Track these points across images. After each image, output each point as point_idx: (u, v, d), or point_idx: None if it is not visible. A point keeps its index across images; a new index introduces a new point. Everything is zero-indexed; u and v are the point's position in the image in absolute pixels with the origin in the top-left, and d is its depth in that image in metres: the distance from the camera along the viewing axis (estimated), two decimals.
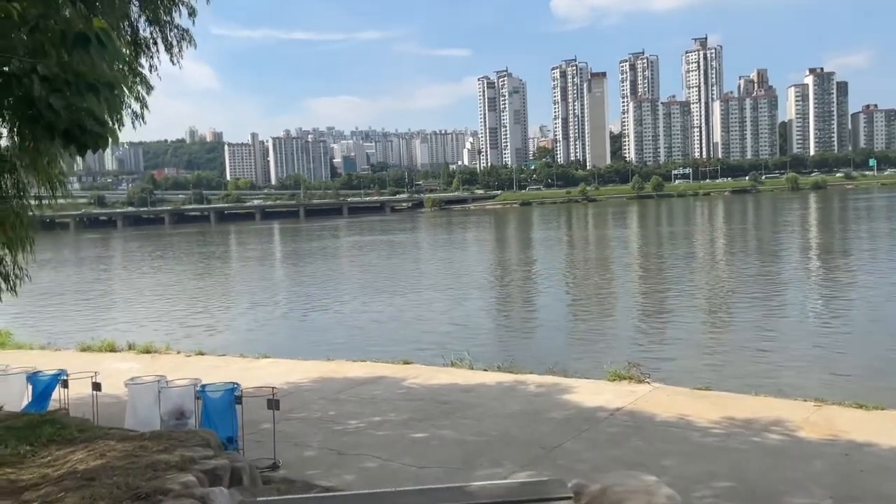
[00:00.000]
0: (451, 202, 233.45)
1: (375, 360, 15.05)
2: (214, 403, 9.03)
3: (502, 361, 15.55)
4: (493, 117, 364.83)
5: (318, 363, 14.93)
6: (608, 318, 30.52)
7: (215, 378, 13.78)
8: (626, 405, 10.77)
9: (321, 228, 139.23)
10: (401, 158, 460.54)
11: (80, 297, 45.02)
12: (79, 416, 10.56)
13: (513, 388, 12.24)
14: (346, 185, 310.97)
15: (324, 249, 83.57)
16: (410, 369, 14.00)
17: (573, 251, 67.89)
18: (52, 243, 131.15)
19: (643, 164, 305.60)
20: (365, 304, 34.89)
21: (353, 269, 56.95)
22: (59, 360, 16.24)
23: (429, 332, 27.06)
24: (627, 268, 49.30)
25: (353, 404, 11.63)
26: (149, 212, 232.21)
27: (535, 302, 36.50)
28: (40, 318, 33.66)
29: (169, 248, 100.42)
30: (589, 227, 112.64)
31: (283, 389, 12.71)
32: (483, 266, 54.90)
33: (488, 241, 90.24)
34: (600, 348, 24.25)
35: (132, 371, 14.63)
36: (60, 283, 54.91)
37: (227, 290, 45.54)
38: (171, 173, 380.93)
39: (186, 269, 65.15)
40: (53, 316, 35.08)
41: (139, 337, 26.13)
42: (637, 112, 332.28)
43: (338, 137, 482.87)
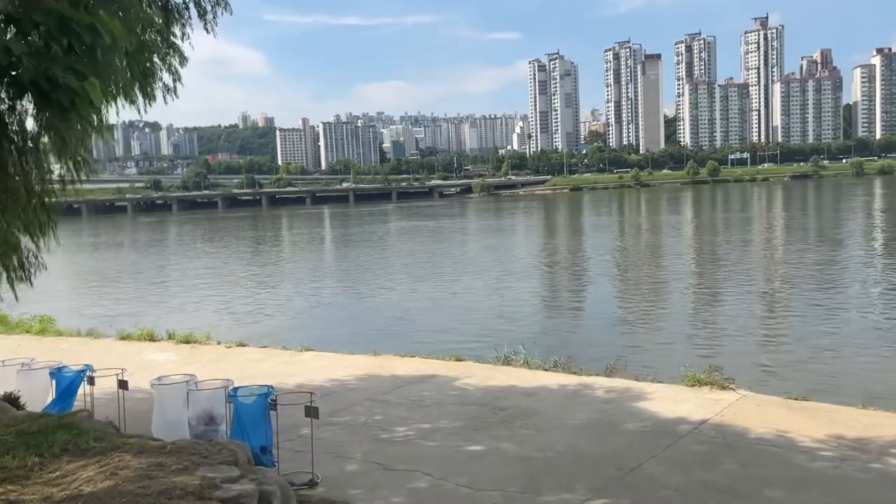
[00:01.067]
0: (500, 187, 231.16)
1: (425, 355, 13.95)
2: (247, 409, 8.03)
3: (559, 357, 14.28)
4: (543, 101, 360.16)
5: (363, 358, 13.91)
6: (665, 309, 28.91)
7: (255, 373, 12.91)
8: (712, 417, 9.42)
9: (370, 213, 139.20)
10: (450, 143, 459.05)
11: (129, 280, 45.25)
12: (103, 417, 9.71)
13: (578, 392, 10.99)
14: (395, 170, 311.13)
15: (372, 234, 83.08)
16: (463, 367, 12.85)
17: (625, 238, 65.85)
18: (110, 226, 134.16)
19: (698, 148, 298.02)
20: (412, 292, 33.96)
21: (400, 255, 56.13)
22: (96, 348, 15.61)
23: (478, 323, 25.96)
24: (682, 256, 47.30)
25: (401, 408, 10.55)
26: (202, 196, 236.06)
27: (586, 292, 35.04)
28: (89, 301, 33.66)
29: (220, 233, 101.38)
30: (642, 212, 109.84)
31: (326, 388, 11.73)
32: (532, 253, 53.47)
33: (537, 227, 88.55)
34: (662, 344, 22.80)
35: (169, 363, 13.85)
36: (112, 267, 55.54)
37: (274, 276, 45.16)
38: (224, 158, 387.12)
39: (235, 253, 65.33)
40: (102, 299, 35.07)
41: (183, 323, 25.64)
42: (693, 95, 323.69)
43: (387, 122, 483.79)
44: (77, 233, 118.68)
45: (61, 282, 47.23)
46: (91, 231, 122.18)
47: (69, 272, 53.87)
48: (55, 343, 16.36)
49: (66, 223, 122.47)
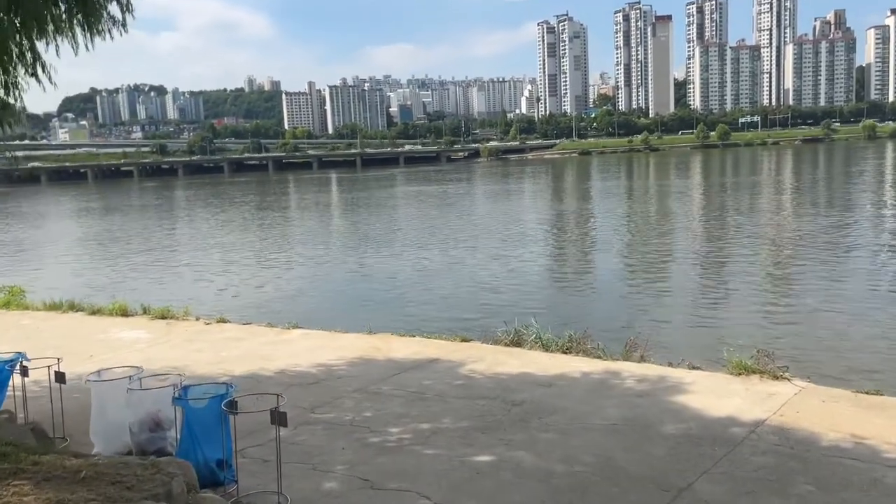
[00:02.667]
0: (508, 151, 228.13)
1: (427, 334, 12.33)
2: (198, 415, 6.42)
3: (573, 331, 12.64)
4: (552, 64, 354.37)
5: (357, 337, 12.30)
6: (680, 278, 27.27)
7: (231, 355, 11.34)
8: (770, 417, 7.78)
9: (376, 178, 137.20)
10: (457, 107, 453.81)
11: (118, 247, 43.76)
12: (36, 417, 8.17)
13: (604, 382, 9.36)
14: (403, 134, 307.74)
15: (376, 199, 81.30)
16: (469, 349, 11.23)
17: (634, 203, 63.93)
18: (113, 191, 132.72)
19: (709, 111, 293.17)
20: (414, 261, 32.37)
21: (403, 221, 54.44)
22: (60, 325, 14.07)
23: (484, 293, 24.38)
24: (694, 221, 45.49)
25: (397, 401, 8.95)
26: (208, 160, 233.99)
27: (596, 260, 33.36)
28: (70, 270, 32.19)
29: (222, 197, 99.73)
30: (650, 177, 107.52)
31: (310, 376, 10.14)
32: (539, 220, 51.68)
33: (544, 192, 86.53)
34: (681, 317, 21.21)
35: (137, 343, 12.31)
36: (102, 233, 54.07)
37: (271, 243, 43.57)
38: (230, 122, 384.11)
39: (234, 219, 63.75)
40: (85, 268, 33.56)
41: (167, 294, 24.17)
42: (703, 57, 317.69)
43: (394, 86, 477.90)
44: (77, 198, 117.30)
45: (49, 248, 45.86)
46: (92, 196, 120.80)
47: (59, 238, 52.52)
48: (17, 318, 14.83)
49: (72, 187, 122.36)
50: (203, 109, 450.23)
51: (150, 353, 11.72)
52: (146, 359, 11.27)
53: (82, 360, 11.33)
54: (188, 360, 11.18)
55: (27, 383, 8.50)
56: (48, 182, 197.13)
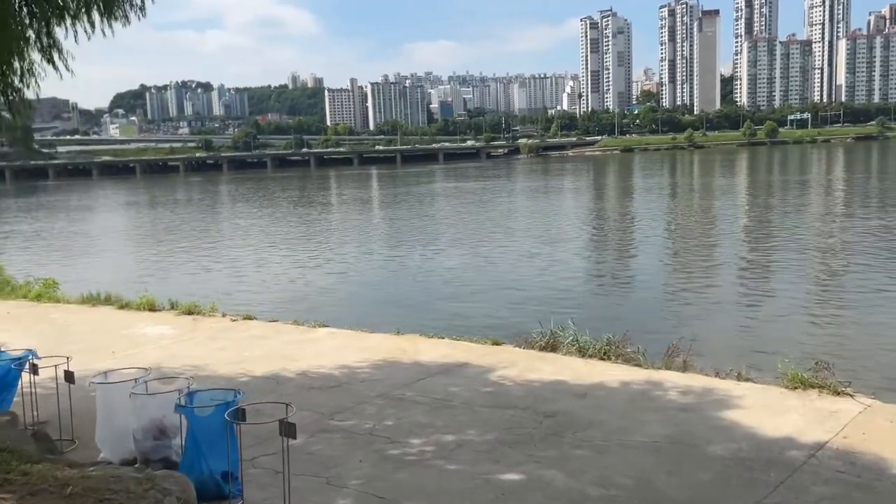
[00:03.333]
0: (549, 148, 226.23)
1: (456, 336, 11.75)
2: (202, 424, 5.96)
3: (612, 334, 11.93)
4: (595, 60, 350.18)
5: (384, 338, 11.80)
6: (724, 281, 26.08)
7: (254, 355, 10.91)
8: (832, 439, 7.03)
9: (416, 174, 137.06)
10: (498, 104, 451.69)
11: (156, 240, 44.13)
12: (44, 418, 7.83)
13: (645, 393, 8.67)
14: (443, 130, 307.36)
15: (414, 196, 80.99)
16: (501, 353, 10.63)
17: (677, 201, 62.36)
18: (159, 185, 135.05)
19: (756, 108, 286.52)
20: (449, 259, 31.83)
21: (441, 217, 53.97)
22: (87, 319, 13.87)
23: (518, 293, 23.67)
24: (738, 222, 43.97)
25: (421, 409, 8.40)
26: (252, 156, 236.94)
27: (635, 260, 32.36)
28: (108, 262, 32.45)
29: (263, 192, 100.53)
30: (694, 175, 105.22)
31: (333, 378, 9.66)
32: (578, 218, 50.67)
33: (585, 189, 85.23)
34: (724, 322, 20.28)
35: (161, 340, 11.99)
36: (143, 226, 54.71)
37: (308, 238, 43.46)
38: (273, 118, 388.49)
39: (273, 214, 64.02)
40: (122, 261, 33.80)
41: (199, 288, 24.07)
42: (752, 52, 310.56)
43: (435, 83, 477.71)
44: (124, 191, 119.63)
45: (90, 241, 46.51)
46: (139, 190, 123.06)
47: (102, 231, 53.32)
48: (47, 311, 14.70)
49: (121, 181, 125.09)
50: (248, 106, 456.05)
51: (172, 350, 11.39)
52: (168, 356, 10.97)
53: (104, 356, 11.06)
54: (210, 358, 10.81)
55: (40, 382, 8.16)
56: (99, 176, 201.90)
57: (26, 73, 8.82)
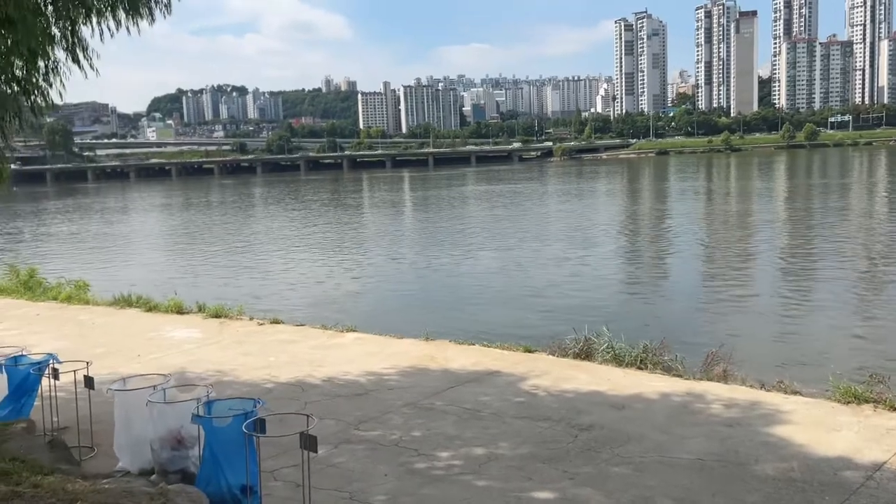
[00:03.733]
0: (582, 151, 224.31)
1: (487, 342, 11.38)
2: (219, 436, 5.69)
3: (649, 341, 11.46)
4: (629, 62, 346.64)
5: (413, 343, 11.48)
6: (763, 288, 25.19)
7: (280, 360, 10.65)
8: (890, 459, 6.52)
9: (448, 177, 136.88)
10: (531, 106, 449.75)
11: (188, 242, 44.44)
12: (68, 424, 7.64)
13: (686, 406, 8.22)
14: (475, 133, 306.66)
15: (445, 198, 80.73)
16: (533, 361, 10.24)
17: (713, 205, 61.15)
18: (193, 187, 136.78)
19: (795, 110, 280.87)
20: (480, 262, 31.45)
21: (471, 220, 53.59)
22: (115, 322, 13.79)
23: (551, 297, 23.21)
24: (776, 226, 42.81)
25: (449, 419, 8.06)
26: (286, 159, 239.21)
27: (670, 265, 31.65)
28: (140, 264, 32.73)
29: (295, 194, 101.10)
30: (731, 178, 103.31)
31: (359, 386, 9.36)
32: (612, 221, 49.91)
33: (618, 192, 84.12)
34: (771, 329, 19.58)
35: (187, 343, 11.83)
36: (176, 228, 55.20)
37: (339, 241, 43.38)
38: (307, 122, 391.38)
39: (306, 216, 64.21)
40: (154, 262, 34.05)
41: (229, 290, 24.04)
42: (790, 54, 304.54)
43: (468, 86, 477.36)
44: (159, 193, 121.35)
45: (123, 242, 47.06)
46: (173, 192, 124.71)
47: (135, 232, 53.96)
48: (76, 313, 14.66)
49: (157, 183, 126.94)
50: (282, 109, 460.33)
51: (197, 354, 11.22)
52: (193, 360, 10.79)
53: (129, 359, 10.92)
54: (235, 363, 10.61)
55: (61, 387, 7.96)
56: (136, 178, 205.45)
57: (51, 72, 8.69)
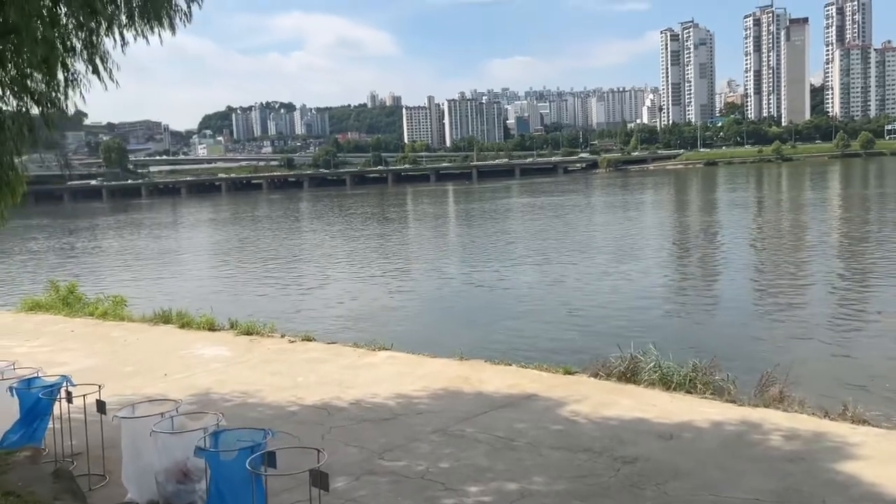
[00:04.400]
0: (629, 162, 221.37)
1: (524, 363, 10.77)
2: (225, 470, 5.24)
3: (698, 359, 10.70)
4: (676, 72, 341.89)
5: (446, 363, 10.95)
6: (823, 303, 23.88)
7: (309, 381, 10.22)
8: None
9: (492, 189, 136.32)
10: (575, 118, 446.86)
11: (231, 257, 44.73)
12: (79, 450, 7.30)
13: (742, 436, 7.51)
14: (519, 146, 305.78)
15: (487, 212, 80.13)
16: (573, 384, 9.61)
17: (764, 216, 59.20)
18: (241, 202, 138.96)
19: (849, 119, 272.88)
20: (521, 276, 30.73)
21: (513, 234, 52.88)
22: (148, 338, 13.59)
23: (594, 313, 22.35)
24: (834, 238, 41.00)
25: (481, 449, 7.49)
26: (332, 174, 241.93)
27: (721, 279, 30.34)
28: (181, 278, 32.99)
29: (341, 208, 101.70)
30: (783, 188, 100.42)
31: (387, 409, 8.86)
32: (658, 234, 48.61)
33: (665, 204, 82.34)
34: (828, 348, 18.45)
35: (214, 362, 11.52)
36: (221, 243, 55.75)
37: (380, 255, 43.09)
38: (353, 137, 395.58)
39: (349, 230, 64.31)
40: (195, 277, 34.25)
41: (267, 306, 23.88)
42: (844, 61, 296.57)
43: (512, 98, 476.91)
44: (208, 208, 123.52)
45: (168, 257, 47.65)
46: (221, 207, 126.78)
47: (179, 247, 54.66)
48: (110, 329, 14.53)
49: (207, 199, 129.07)
50: (328, 125, 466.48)
51: (224, 374, 10.87)
52: (219, 381, 10.45)
53: (156, 379, 10.64)
54: (261, 384, 10.22)
55: (77, 410, 7.63)
56: (187, 194, 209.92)
57: (70, 84, 8.47)
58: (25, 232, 75.04)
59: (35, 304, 17.34)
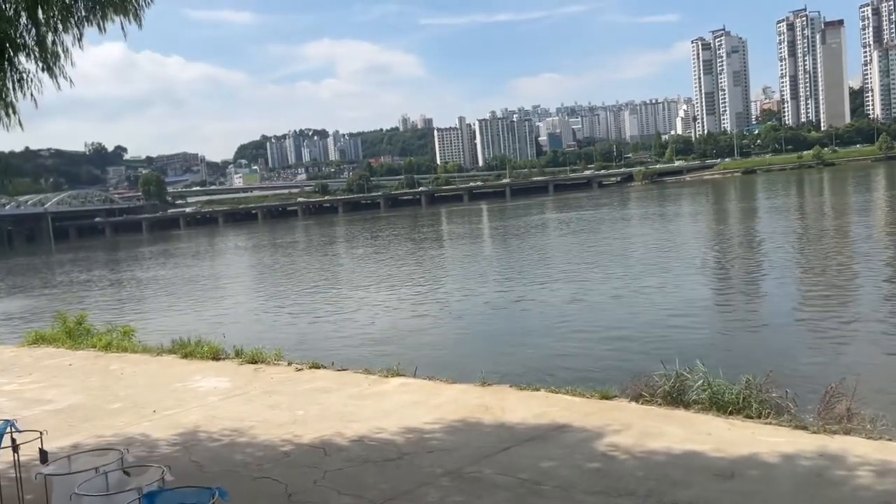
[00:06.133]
0: (664, 174, 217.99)
1: (554, 388, 9.44)
2: None
3: (751, 374, 9.25)
4: (709, 81, 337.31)
5: (465, 390, 9.67)
6: (878, 313, 21.83)
7: (310, 414, 9.01)
8: None
9: (525, 206, 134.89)
10: (608, 132, 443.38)
11: (258, 282, 44.08)
12: None
13: (821, 473, 6.09)
14: (552, 162, 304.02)
15: (521, 229, 78.71)
16: (611, 410, 8.26)
17: (807, 222, 56.64)
18: (277, 229, 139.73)
19: (891, 120, 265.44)
20: (552, 293, 29.28)
21: (547, 249, 51.43)
22: (145, 370, 12.57)
23: (629, 331, 20.75)
24: (881, 243, 38.51)
25: (501, 496, 6.19)
26: (366, 197, 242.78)
27: (765, 289, 28.37)
28: (201, 307, 32.33)
29: (373, 231, 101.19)
30: (825, 194, 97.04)
31: (395, 447, 7.62)
32: (696, 245, 46.52)
33: (702, 214, 79.91)
34: (889, 361, 16.72)
35: (213, 394, 10.45)
36: (248, 270, 55.26)
37: (411, 275, 41.98)
38: (385, 160, 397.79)
39: (379, 253, 63.45)
40: (220, 305, 33.55)
41: (282, 332, 22.87)
42: (883, 62, 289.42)
43: (543, 115, 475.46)
44: (242, 236, 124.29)
45: (194, 286, 47.20)
46: (255, 234, 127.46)
47: (207, 275, 54.33)
48: (109, 362, 13.55)
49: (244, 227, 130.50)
50: (361, 149, 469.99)
51: (218, 408, 9.75)
52: (210, 417, 9.33)
53: (141, 417, 9.58)
54: (257, 418, 9.07)
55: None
56: (224, 223, 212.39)
57: (24, 83, 7.54)
58: (59, 266, 75.81)
59: (39, 336, 16.52)
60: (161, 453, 7.91)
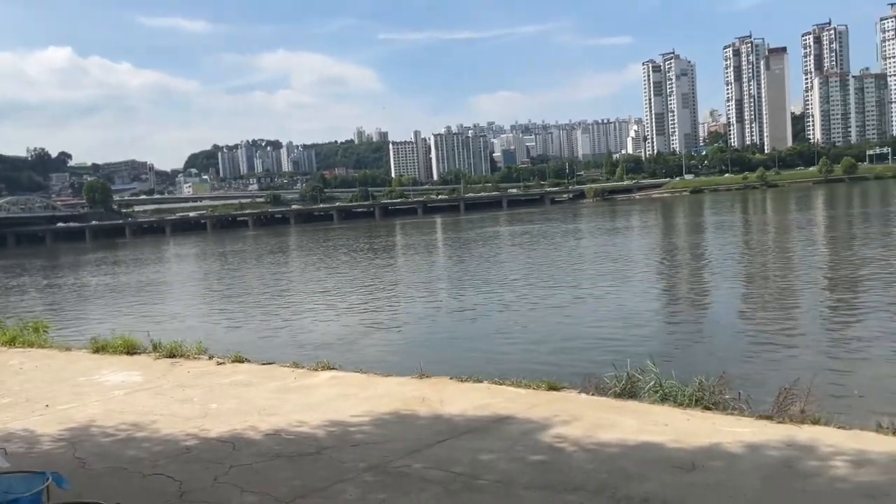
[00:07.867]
0: (615, 192, 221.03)
1: (498, 379, 8.63)
2: None
3: (704, 376, 8.62)
4: (659, 102, 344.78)
5: (401, 382, 8.81)
6: (818, 320, 21.62)
7: (224, 407, 8.00)
8: None
9: (479, 220, 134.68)
10: (561, 150, 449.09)
11: (201, 288, 42.48)
12: None
13: (791, 464, 5.39)
14: (506, 178, 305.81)
15: (472, 241, 78.23)
16: (559, 401, 7.48)
17: (751, 237, 57.35)
18: (225, 239, 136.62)
19: (831, 145, 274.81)
20: (505, 297, 28.58)
21: (499, 259, 50.85)
22: (51, 363, 11.35)
23: (581, 333, 20.12)
24: (821, 256, 38.94)
25: (430, 492, 5.33)
26: (318, 209, 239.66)
27: (713, 296, 28.12)
28: (127, 312, 30.81)
29: (325, 243, 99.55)
30: (768, 212, 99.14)
31: (314, 440, 6.68)
32: (645, 256, 46.47)
33: (651, 229, 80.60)
34: (833, 365, 16.38)
35: (119, 388, 9.41)
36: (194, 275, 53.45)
37: (361, 281, 40.83)
38: (340, 172, 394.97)
39: (329, 263, 62.13)
40: (146, 311, 32.01)
41: (224, 333, 21.65)
42: (823, 88, 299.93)
43: (498, 132, 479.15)
44: (192, 245, 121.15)
45: (135, 291, 45.31)
46: (204, 244, 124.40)
47: (148, 282, 52.42)
48: (10, 357, 12.25)
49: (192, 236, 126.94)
50: (315, 162, 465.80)
51: (122, 403, 8.67)
52: (110, 411, 8.25)
53: (29, 412, 8.44)
54: (163, 412, 8.03)
55: None
56: (172, 233, 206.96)
57: None
58: None
59: None
60: (41, 450, 6.84)
